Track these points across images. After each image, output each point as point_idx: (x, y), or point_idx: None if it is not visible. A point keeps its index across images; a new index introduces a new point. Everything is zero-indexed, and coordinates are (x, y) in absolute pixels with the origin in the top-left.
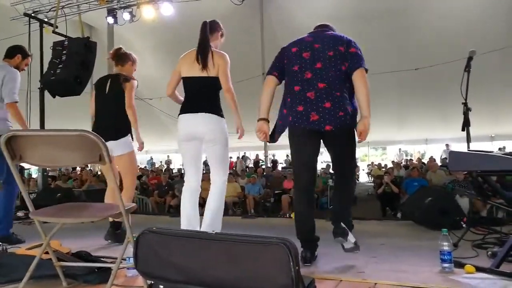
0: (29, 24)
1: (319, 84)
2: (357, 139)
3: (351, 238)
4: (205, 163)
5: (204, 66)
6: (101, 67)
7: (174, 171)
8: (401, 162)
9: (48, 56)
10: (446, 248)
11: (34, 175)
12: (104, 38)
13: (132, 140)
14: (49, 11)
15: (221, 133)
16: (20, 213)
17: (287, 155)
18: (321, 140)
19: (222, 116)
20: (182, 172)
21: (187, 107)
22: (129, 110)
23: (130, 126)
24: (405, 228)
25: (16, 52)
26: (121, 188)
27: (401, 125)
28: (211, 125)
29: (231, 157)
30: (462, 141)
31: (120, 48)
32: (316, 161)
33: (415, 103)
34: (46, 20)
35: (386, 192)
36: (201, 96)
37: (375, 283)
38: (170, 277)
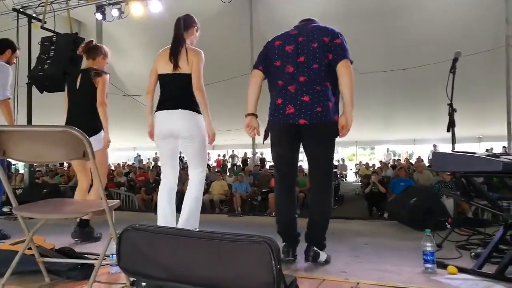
0: (18, 19)
1: (300, 78)
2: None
3: (322, 258)
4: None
5: (176, 63)
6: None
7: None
8: (389, 162)
9: (36, 51)
10: (429, 248)
11: (21, 171)
12: (93, 34)
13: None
14: (38, 6)
15: (198, 129)
16: (5, 209)
17: None
18: (300, 135)
19: (198, 112)
20: None
21: (163, 104)
22: (100, 108)
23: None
24: (390, 228)
25: (6, 47)
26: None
27: (389, 125)
28: (187, 121)
29: (219, 155)
30: (450, 142)
31: (92, 41)
32: (295, 156)
33: (403, 103)
34: (34, 15)
35: (373, 192)
36: (176, 93)
37: (358, 283)
38: (153, 274)
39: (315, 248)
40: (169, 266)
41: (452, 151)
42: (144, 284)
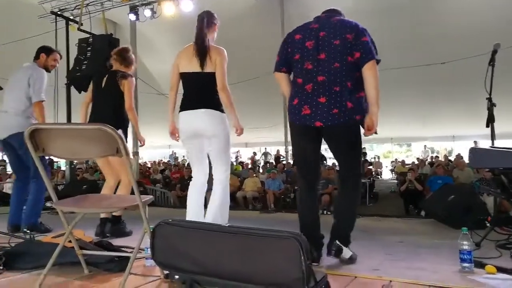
0: (56, 22)
1: (319, 77)
2: (363, 134)
3: (346, 254)
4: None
5: (202, 62)
6: None
7: None
8: (426, 159)
9: (74, 52)
10: (466, 247)
11: (63, 168)
12: (128, 34)
13: (126, 136)
14: (74, 9)
15: (222, 128)
16: (48, 204)
17: None
18: (321, 136)
19: (222, 111)
20: None
21: (187, 104)
22: (130, 113)
23: (124, 121)
24: (426, 226)
25: (39, 52)
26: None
27: (427, 121)
28: (211, 121)
29: (254, 152)
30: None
31: (126, 48)
32: (315, 156)
33: (441, 98)
34: (71, 17)
35: (409, 190)
36: (200, 92)
37: (391, 281)
38: (185, 268)
39: (338, 242)
40: (200, 260)
41: (491, 146)
42: (177, 277)
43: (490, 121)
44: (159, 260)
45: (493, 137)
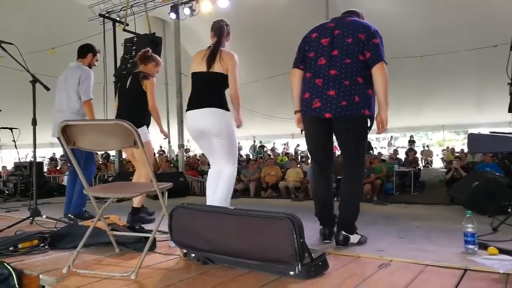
0: (104, 23)
1: (331, 71)
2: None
3: (354, 240)
4: (272, 149)
5: (210, 63)
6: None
7: (241, 158)
8: None
9: (120, 51)
10: (469, 230)
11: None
12: (176, 30)
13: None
14: (120, 10)
15: (226, 126)
16: None
17: None
18: (331, 126)
19: (227, 109)
20: (250, 157)
21: (193, 103)
22: (153, 112)
23: (146, 119)
24: (450, 212)
25: (87, 52)
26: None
27: (481, 107)
28: (215, 119)
29: (298, 144)
30: None
31: (148, 50)
32: (327, 145)
33: (496, 83)
34: (118, 19)
35: (455, 178)
36: (205, 90)
37: (391, 260)
38: (198, 246)
39: (344, 233)
40: (210, 239)
41: (490, 132)
42: (193, 255)
43: None
44: (176, 240)
45: None
